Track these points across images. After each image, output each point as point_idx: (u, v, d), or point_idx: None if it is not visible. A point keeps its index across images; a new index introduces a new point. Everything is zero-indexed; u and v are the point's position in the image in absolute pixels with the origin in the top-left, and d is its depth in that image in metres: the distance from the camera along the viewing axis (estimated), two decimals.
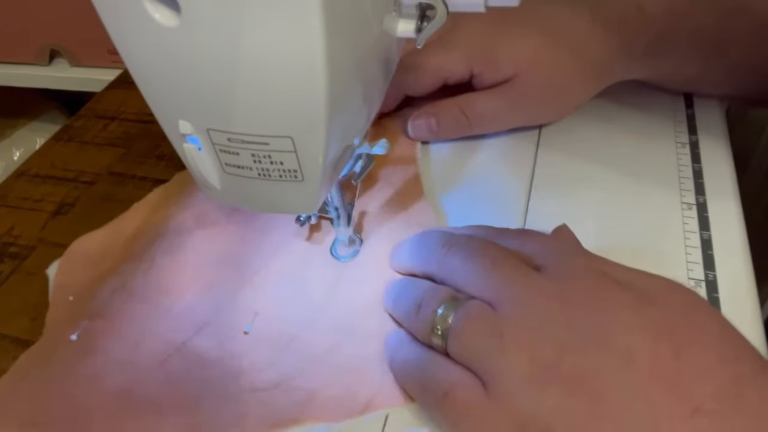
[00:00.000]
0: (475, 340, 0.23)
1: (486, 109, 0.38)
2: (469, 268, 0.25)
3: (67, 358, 0.29)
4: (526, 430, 0.21)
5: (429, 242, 0.29)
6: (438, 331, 0.24)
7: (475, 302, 0.24)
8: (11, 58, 0.81)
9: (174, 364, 0.29)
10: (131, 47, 0.22)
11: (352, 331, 0.29)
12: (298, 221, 0.34)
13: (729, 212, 0.34)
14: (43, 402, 0.27)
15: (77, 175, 0.45)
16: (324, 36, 0.19)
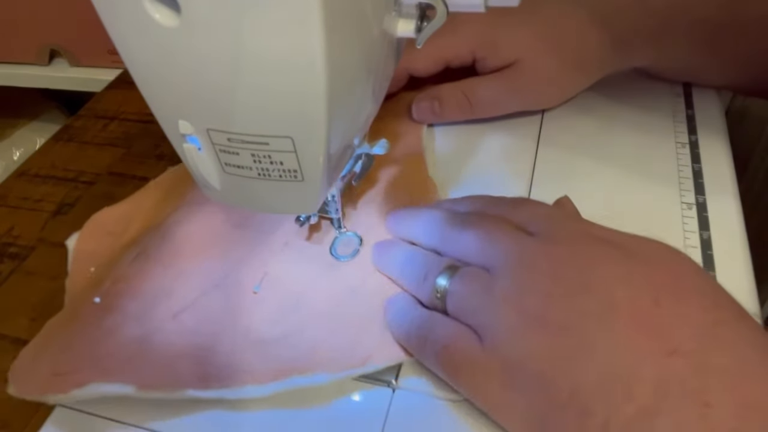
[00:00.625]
0: (469, 298, 0.25)
1: (487, 93, 0.39)
2: (466, 239, 0.27)
3: (90, 316, 0.31)
4: (517, 374, 0.23)
5: (432, 219, 0.30)
6: (438, 295, 0.27)
7: (471, 268, 0.26)
8: (11, 58, 0.81)
9: (186, 319, 0.30)
10: (131, 47, 0.22)
11: (355, 290, 0.31)
12: (298, 221, 0.34)
13: (729, 212, 0.34)
14: (68, 354, 0.29)
15: (77, 175, 0.45)
16: (324, 36, 0.19)
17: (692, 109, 0.40)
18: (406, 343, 0.28)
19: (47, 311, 0.35)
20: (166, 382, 0.27)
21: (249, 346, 0.29)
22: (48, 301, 0.36)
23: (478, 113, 0.40)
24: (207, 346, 0.29)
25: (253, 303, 0.31)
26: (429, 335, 0.26)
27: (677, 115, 0.40)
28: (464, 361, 0.25)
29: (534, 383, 0.23)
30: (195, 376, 0.28)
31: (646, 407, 0.20)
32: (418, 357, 0.27)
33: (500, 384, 0.24)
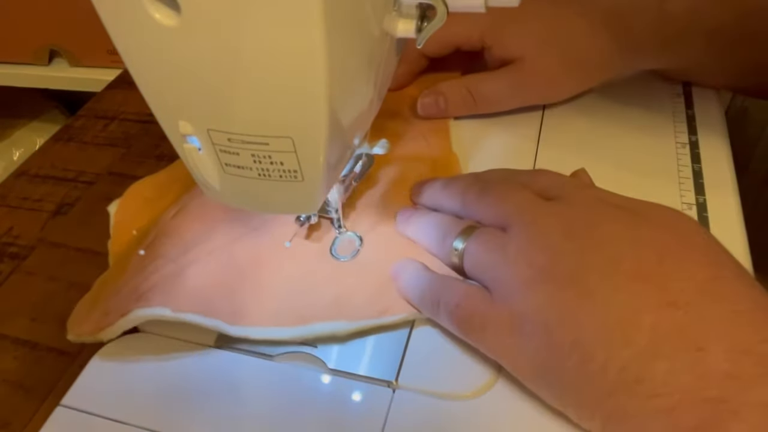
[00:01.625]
0: (484, 255, 0.27)
1: (491, 90, 0.40)
2: (485, 201, 0.29)
3: (136, 266, 0.33)
4: (524, 323, 0.24)
5: (454, 186, 0.32)
6: (456, 254, 0.28)
7: (487, 228, 0.28)
8: (11, 58, 0.81)
9: (221, 256, 0.33)
10: (131, 47, 0.22)
11: (378, 252, 0.33)
12: (298, 221, 0.34)
13: (729, 212, 0.34)
14: (116, 298, 0.31)
15: (77, 175, 0.45)
16: (324, 36, 0.19)
17: (692, 109, 0.40)
18: (420, 305, 0.29)
19: (47, 311, 0.35)
20: (200, 308, 0.30)
21: (276, 292, 0.31)
22: (48, 301, 0.36)
23: (481, 109, 0.41)
24: (237, 285, 0.31)
25: (283, 254, 0.33)
26: (442, 296, 0.28)
27: (677, 115, 0.40)
28: (476, 315, 0.26)
29: (540, 331, 0.24)
30: (226, 309, 0.30)
31: (643, 352, 0.21)
32: (433, 317, 0.29)
33: (509, 332, 0.25)
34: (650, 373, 0.21)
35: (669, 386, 0.21)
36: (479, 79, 0.40)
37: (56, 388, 0.31)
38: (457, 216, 0.31)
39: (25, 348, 0.33)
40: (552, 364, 0.24)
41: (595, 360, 0.22)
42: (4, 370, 0.32)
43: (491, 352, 0.26)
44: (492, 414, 0.26)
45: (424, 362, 0.28)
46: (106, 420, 0.28)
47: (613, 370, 0.22)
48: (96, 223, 0.40)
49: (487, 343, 0.26)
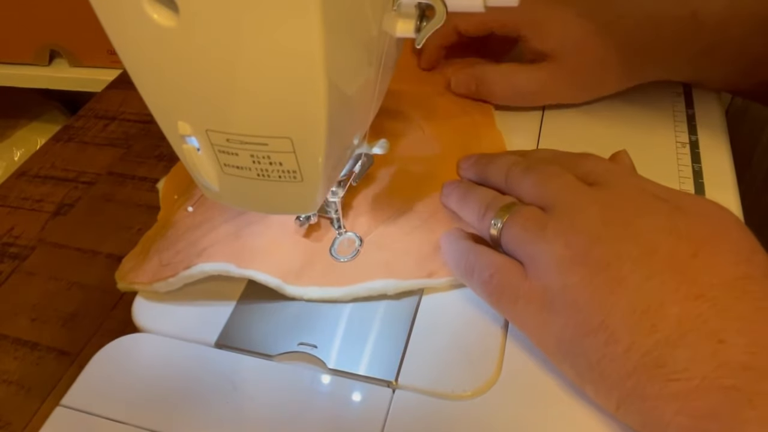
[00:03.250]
0: (523, 230, 0.27)
1: (525, 82, 0.40)
2: (528, 181, 0.30)
3: (186, 221, 0.35)
4: (555, 300, 0.25)
5: (499, 163, 0.32)
6: (496, 225, 0.29)
7: (528, 206, 0.28)
8: (11, 58, 0.81)
9: (273, 220, 0.34)
10: (130, 48, 0.22)
11: (426, 220, 0.35)
12: (297, 221, 0.34)
13: None
14: (172, 250, 0.33)
15: (77, 176, 0.45)
16: (323, 36, 0.19)
17: (692, 109, 0.40)
18: (455, 271, 0.30)
19: (47, 311, 0.35)
20: (262, 266, 0.31)
21: (328, 256, 0.33)
22: (48, 301, 0.36)
23: (511, 100, 0.41)
24: (292, 247, 0.33)
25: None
26: (476, 264, 0.28)
27: (677, 115, 0.40)
28: (508, 288, 0.27)
29: (569, 310, 0.25)
30: (284, 268, 0.32)
31: (667, 339, 0.22)
32: (466, 283, 0.30)
33: (539, 307, 0.26)
34: (671, 359, 0.22)
35: (688, 372, 0.21)
36: (515, 68, 0.40)
37: (56, 388, 0.31)
38: (501, 192, 0.32)
39: (25, 348, 0.33)
40: (577, 341, 0.24)
41: (620, 343, 0.23)
42: (4, 370, 0.32)
43: (519, 324, 0.27)
44: (492, 414, 0.26)
45: (424, 362, 0.28)
46: (106, 420, 0.28)
47: (636, 354, 0.23)
48: (96, 223, 0.41)
49: (516, 314, 0.27)
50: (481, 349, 0.29)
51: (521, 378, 0.27)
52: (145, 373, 0.30)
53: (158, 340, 0.31)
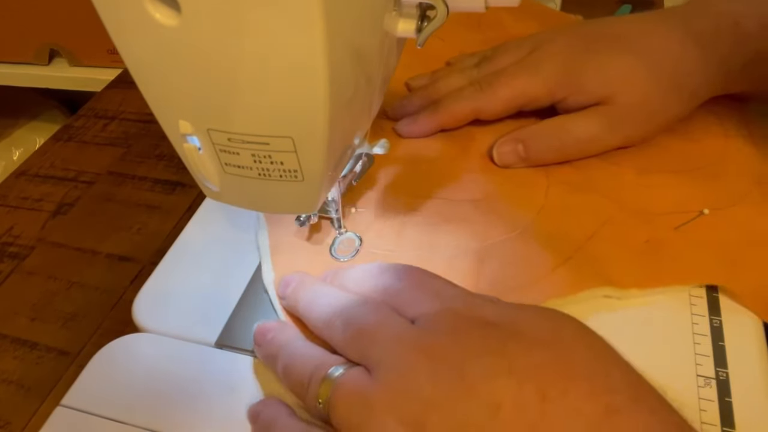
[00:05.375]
0: (348, 412, 0.23)
1: (583, 130, 0.36)
2: (348, 335, 0.25)
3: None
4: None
5: (316, 313, 0.28)
6: (321, 403, 0.24)
7: (349, 373, 0.24)
8: (11, 57, 0.81)
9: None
10: (131, 47, 0.22)
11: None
12: (298, 221, 0.34)
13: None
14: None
15: (77, 175, 0.45)
16: (324, 35, 0.19)
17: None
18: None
19: (47, 311, 0.35)
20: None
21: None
22: (48, 301, 0.36)
23: (571, 154, 0.37)
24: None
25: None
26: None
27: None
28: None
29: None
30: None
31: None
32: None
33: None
34: None
35: None
36: (567, 120, 0.36)
37: (56, 388, 0.31)
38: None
39: (25, 348, 0.33)
40: None
41: None
42: (4, 370, 0.32)
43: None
44: None
45: None
46: (106, 420, 0.28)
47: None
48: (96, 222, 0.41)
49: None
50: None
51: None
52: (145, 373, 0.30)
53: (158, 340, 0.31)
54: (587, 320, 0.23)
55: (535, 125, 0.37)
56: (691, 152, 0.37)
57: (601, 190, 0.35)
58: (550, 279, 0.31)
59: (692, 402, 0.26)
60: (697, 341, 0.28)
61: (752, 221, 0.32)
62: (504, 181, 0.37)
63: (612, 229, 0.33)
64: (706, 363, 0.27)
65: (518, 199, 0.35)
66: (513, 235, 0.33)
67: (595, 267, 0.31)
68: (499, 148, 0.37)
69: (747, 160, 0.36)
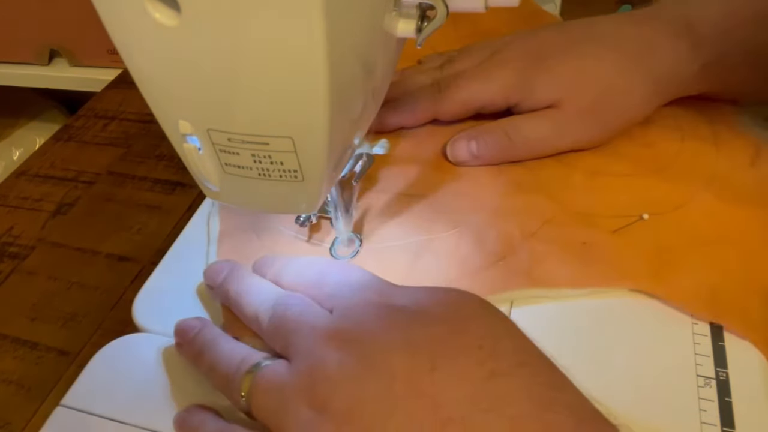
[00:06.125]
0: (265, 401, 0.24)
1: (532, 131, 0.37)
2: (273, 327, 0.27)
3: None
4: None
5: (248, 308, 0.29)
6: (243, 397, 0.25)
7: (269, 366, 0.25)
8: (11, 58, 0.81)
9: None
10: (131, 47, 0.22)
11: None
12: (298, 221, 0.34)
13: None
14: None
15: (77, 175, 0.45)
16: (325, 36, 0.19)
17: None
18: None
19: (47, 311, 0.35)
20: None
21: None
22: (48, 301, 0.36)
23: (521, 154, 0.37)
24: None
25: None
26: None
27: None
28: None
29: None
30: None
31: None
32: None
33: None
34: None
35: None
36: (518, 120, 0.37)
37: (56, 388, 0.31)
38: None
39: (25, 348, 0.33)
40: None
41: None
42: (4, 370, 0.32)
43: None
44: None
45: None
46: (106, 420, 0.28)
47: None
48: (96, 222, 0.41)
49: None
50: None
51: None
52: (145, 373, 0.30)
53: (158, 340, 0.31)
54: (594, 319, 0.23)
55: (488, 124, 0.38)
56: (644, 156, 0.37)
57: (548, 191, 0.35)
58: (480, 277, 0.31)
59: (692, 402, 0.26)
60: (697, 341, 0.28)
61: (693, 224, 0.33)
62: (455, 178, 0.37)
63: (551, 230, 0.33)
64: (706, 363, 0.27)
65: (465, 197, 0.36)
66: (453, 232, 0.34)
67: (527, 267, 0.31)
68: (452, 145, 0.38)
69: (700, 162, 0.36)
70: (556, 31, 0.39)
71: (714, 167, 0.36)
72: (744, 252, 0.31)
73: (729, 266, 0.30)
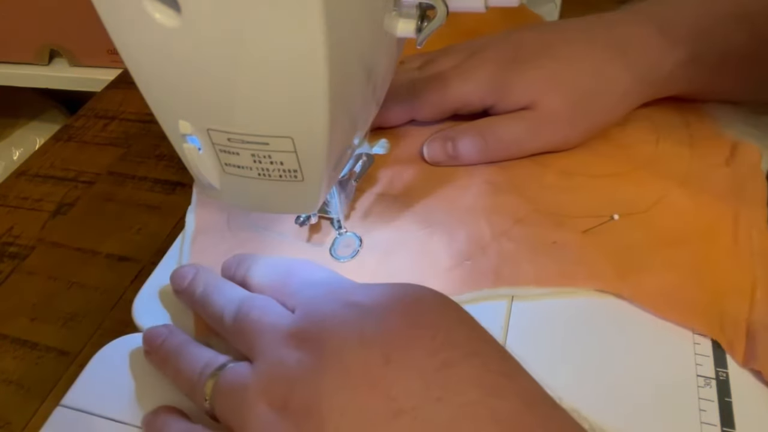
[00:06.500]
0: (227, 403, 0.25)
1: (506, 131, 0.37)
2: (236, 329, 0.27)
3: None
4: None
5: (212, 307, 0.29)
6: (207, 401, 0.26)
7: (231, 368, 0.26)
8: (11, 58, 0.81)
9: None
10: (131, 47, 0.22)
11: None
12: (297, 221, 0.34)
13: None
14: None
15: (77, 175, 0.45)
16: (325, 36, 0.19)
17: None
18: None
19: (47, 311, 0.35)
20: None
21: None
22: (48, 301, 0.36)
23: (495, 154, 0.37)
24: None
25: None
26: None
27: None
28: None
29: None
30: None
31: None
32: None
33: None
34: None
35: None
36: (493, 121, 0.37)
37: (56, 388, 0.31)
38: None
39: (25, 348, 0.33)
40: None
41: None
42: (4, 370, 0.32)
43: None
44: None
45: None
46: (106, 420, 0.28)
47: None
48: (96, 222, 0.40)
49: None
50: None
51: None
52: (145, 373, 0.30)
53: None
54: (594, 318, 0.23)
55: (464, 124, 0.38)
56: (619, 157, 0.37)
57: (522, 191, 0.36)
58: (447, 276, 0.31)
59: (692, 402, 0.26)
60: (697, 341, 0.28)
61: (662, 225, 0.33)
62: (430, 178, 0.37)
63: (522, 230, 0.33)
64: (706, 363, 0.27)
65: (439, 197, 0.36)
66: (424, 232, 0.34)
67: (495, 266, 0.31)
68: (429, 145, 0.38)
69: (674, 163, 0.36)
70: (532, 32, 0.39)
71: (688, 168, 0.36)
72: (710, 252, 0.31)
73: (694, 266, 0.30)
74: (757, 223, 0.32)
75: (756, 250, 0.31)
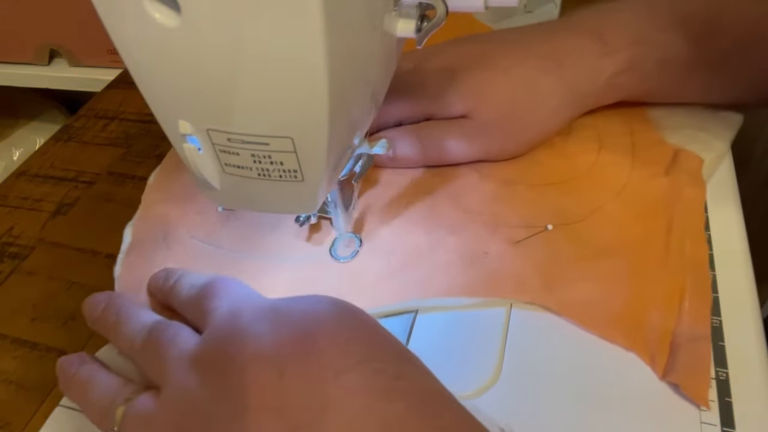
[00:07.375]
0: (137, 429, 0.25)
1: (444, 139, 0.37)
2: (145, 356, 0.27)
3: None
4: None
5: (123, 336, 0.29)
6: (116, 429, 0.25)
7: (139, 398, 0.25)
8: (11, 58, 0.81)
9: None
10: (131, 47, 0.22)
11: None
12: (297, 221, 0.34)
13: (729, 212, 0.34)
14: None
15: (77, 175, 0.45)
16: (324, 36, 0.19)
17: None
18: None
19: (47, 311, 0.35)
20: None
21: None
22: (48, 301, 0.36)
23: (430, 157, 0.37)
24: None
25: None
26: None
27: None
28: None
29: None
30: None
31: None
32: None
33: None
34: None
35: None
36: (430, 125, 0.37)
37: (56, 388, 0.31)
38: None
39: (25, 348, 0.33)
40: None
41: None
42: (4, 370, 0.32)
43: None
44: (492, 414, 0.26)
45: (424, 361, 0.28)
46: None
47: None
48: (96, 223, 0.41)
49: None
50: (481, 349, 0.29)
51: (521, 378, 0.27)
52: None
53: None
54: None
55: (404, 127, 0.38)
56: (559, 166, 0.37)
57: (459, 199, 0.36)
58: (373, 290, 0.31)
59: (692, 402, 0.26)
60: None
61: (594, 235, 0.33)
62: (371, 183, 0.37)
63: (456, 240, 0.33)
64: None
65: (382, 204, 0.36)
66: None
67: (427, 277, 0.31)
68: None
69: (614, 173, 0.36)
70: (472, 43, 0.39)
71: (627, 177, 0.36)
72: (640, 263, 0.31)
73: (622, 278, 0.30)
74: (692, 232, 0.32)
75: (688, 259, 0.31)
